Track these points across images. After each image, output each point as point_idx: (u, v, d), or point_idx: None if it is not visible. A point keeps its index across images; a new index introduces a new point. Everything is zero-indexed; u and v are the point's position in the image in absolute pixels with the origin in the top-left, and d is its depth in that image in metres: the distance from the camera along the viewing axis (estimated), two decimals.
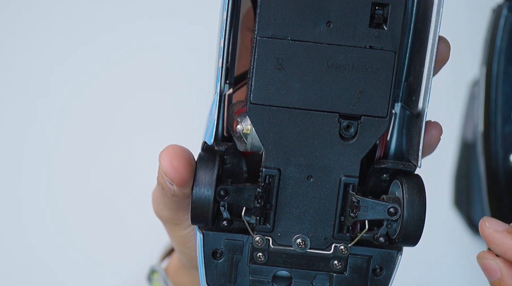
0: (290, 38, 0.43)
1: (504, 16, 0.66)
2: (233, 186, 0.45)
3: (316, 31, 0.43)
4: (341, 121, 0.44)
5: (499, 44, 0.66)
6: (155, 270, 0.63)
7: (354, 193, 0.45)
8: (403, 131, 0.48)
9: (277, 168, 0.45)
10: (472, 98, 0.76)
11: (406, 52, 0.47)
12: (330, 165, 0.45)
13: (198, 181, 0.45)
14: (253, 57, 0.44)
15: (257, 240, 0.46)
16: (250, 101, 0.44)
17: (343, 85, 0.44)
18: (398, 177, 0.46)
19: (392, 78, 0.44)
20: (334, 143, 0.45)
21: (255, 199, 0.45)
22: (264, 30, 0.43)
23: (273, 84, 0.44)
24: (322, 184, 0.45)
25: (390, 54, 0.44)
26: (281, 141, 0.45)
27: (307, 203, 0.46)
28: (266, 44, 0.44)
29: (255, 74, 0.44)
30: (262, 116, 0.44)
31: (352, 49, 0.43)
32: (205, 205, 0.45)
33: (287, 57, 0.44)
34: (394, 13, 0.43)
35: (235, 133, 0.46)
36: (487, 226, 0.48)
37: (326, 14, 0.43)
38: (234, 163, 0.47)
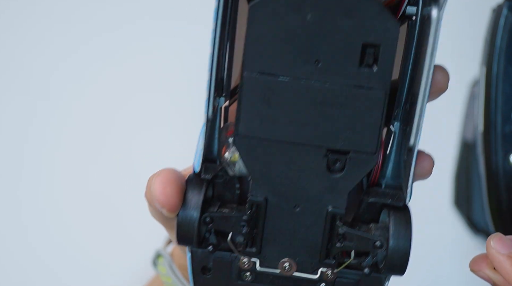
0: (278, 75, 0.43)
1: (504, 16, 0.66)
2: (219, 213, 0.45)
3: (304, 68, 0.43)
4: (329, 155, 0.44)
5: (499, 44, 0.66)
6: (160, 254, 0.63)
7: (341, 224, 0.45)
8: (401, 147, 0.47)
9: (263, 197, 0.45)
10: (472, 98, 0.76)
11: (407, 77, 0.46)
12: (317, 196, 0.45)
13: (184, 206, 0.45)
14: (240, 91, 0.43)
15: (243, 261, 0.46)
16: (237, 133, 0.44)
17: (331, 121, 0.43)
18: (386, 208, 0.46)
19: (382, 116, 0.43)
20: (321, 175, 0.45)
21: (241, 227, 0.45)
22: (251, 66, 0.43)
23: (260, 118, 0.43)
24: (309, 214, 0.45)
25: (380, 94, 0.43)
26: (268, 172, 0.44)
27: (294, 231, 0.46)
28: (253, 80, 0.43)
29: (242, 108, 0.43)
30: (249, 148, 0.44)
31: (341, 87, 0.43)
32: (190, 230, 0.45)
33: (275, 93, 0.43)
34: (385, 53, 0.42)
35: (223, 160, 0.46)
36: (492, 246, 0.48)
37: (315, 52, 0.42)
38: (227, 179, 0.47)
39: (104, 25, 0.81)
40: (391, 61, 0.42)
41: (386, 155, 0.47)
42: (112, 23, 0.81)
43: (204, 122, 0.46)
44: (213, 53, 0.45)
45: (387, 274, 0.46)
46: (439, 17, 0.43)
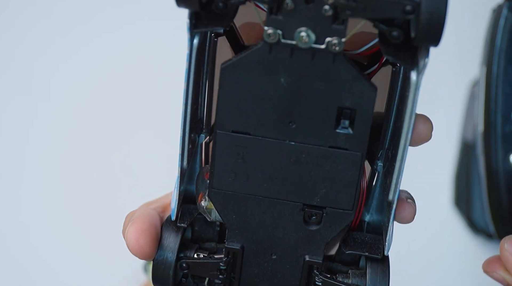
0: (251, 134, 0.42)
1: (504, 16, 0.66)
2: (195, 259, 0.45)
3: (278, 128, 0.42)
4: (305, 210, 0.44)
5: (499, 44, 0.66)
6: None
7: (317, 273, 0.45)
8: (385, 188, 0.46)
9: (240, 245, 0.45)
10: (472, 98, 0.76)
11: (390, 122, 0.45)
12: (294, 246, 0.44)
13: (161, 249, 0.45)
14: (213, 148, 0.43)
15: None
16: (212, 187, 0.43)
17: (306, 179, 0.43)
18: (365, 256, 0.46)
19: (358, 177, 0.42)
20: (298, 228, 0.44)
21: (218, 273, 0.45)
22: (223, 125, 0.42)
23: (234, 174, 0.43)
24: (286, 262, 0.45)
25: (356, 155, 0.42)
26: (243, 223, 0.44)
27: (271, 278, 0.45)
28: (226, 138, 0.42)
29: (216, 164, 0.43)
30: (223, 201, 0.44)
31: (317, 148, 0.42)
32: (165, 274, 0.45)
33: (248, 151, 0.42)
34: (361, 118, 0.41)
35: (199, 207, 0.46)
36: (506, 249, 0.49)
37: (289, 113, 0.41)
38: (202, 230, 0.47)
39: (104, 25, 0.81)
40: (368, 125, 0.42)
41: (371, 191, 0.46)
42: (112, 23, 0.81)
43: (178, 175, 0.45)
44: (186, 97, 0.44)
45: None
46: (418, 81, 0.41)
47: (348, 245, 0.46)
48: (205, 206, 0.45)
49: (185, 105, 0.44)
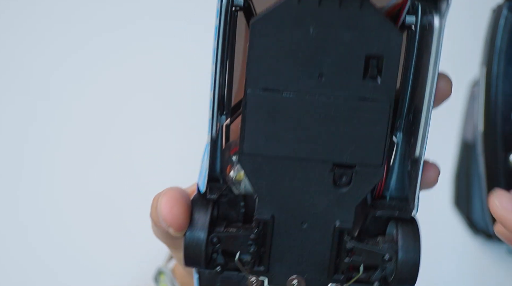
0: (282, 90, 0.43)
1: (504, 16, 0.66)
2: (226, 233, 0.45)
3: (308, 83, 0.42)
4: (335, 170, 0.44)
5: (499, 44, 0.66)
6: (162, 271, 0.63)
7: (349, 239, 0.45)
8: (405, 158, 0.47)
9: (270, 215, 0.45)
10: (472, 98, 0.76)
11: (408, 87, 0.46)
12: (324, 212, 0.45)
13: (191, 226, 0.45)
14: (244, 108, 0.43)
15: (252, 280, 0.46)
16: (242, 152, 0.44)
17: (336, 136, 0.43)
18: (394, 220, 0.46)
19: (387, 129, 0.43)
20: (327, 191, 0.44)
21: (248, 245, 0.45)
22: (254, 83, 0.43)
23: (265, 135, 0.43)
24: (316, 230, 0.45)
25: (384, 106, 0.43)
26: (274, 190, 0.44)
27: (302, 247, 0.45)
28: (257, 97, 0.43)
29: (246, 126, 0.43)
30: (254, 166, 0.44)
31: (346, 101, 0.43)
32: (197, 251, 0.45)
33: (279, 109, 0.43)
34: (389, 65, 0.42)
35: (228, 178, 0.46)
36: (497, 205, 0.46)
37: (318, 66, 0.42)
38: (231, 197, 0.47)
39: (104, 25, 0.81)
40: (395, 72, 0.42)
41: (390, 166, 0.47)
42: (112, 23, 0.81)
43: (208, 142, 0.45)
44: (215, 71, 0.45)
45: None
46: (442, 25, 0.42)
47: (376, 208, 0.46)
48: (234, 177, 0.45)
49: (215, 66, 0.44)
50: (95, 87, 0.81)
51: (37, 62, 0.81)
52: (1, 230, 0.81)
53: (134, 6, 0.81)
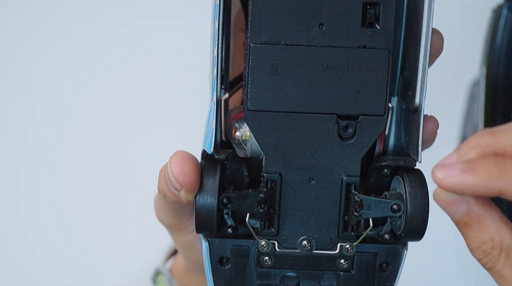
0: (284, 43, 0.43)
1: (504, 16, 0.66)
2: (235, 193, 0.45)
3: (309, 34, 0.43)
4: (339, 122, 0.45)
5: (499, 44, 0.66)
6: (160, 271, 0.63)
7: (356, 192, 0.45)
8: (401, 125, 0.48)
9: (278, 173, 0.45)
10: (472, 98, 0.76)
11: (399, 46, 0.47)
12: (330, 166, 0.45)
13: (201, 190, 0.45)
14: (247, 64, 0.44)
15: (262, 244, 0.46)
16: (247, 108, 0.44)
17: (339, 86, 0.44)
18: (399, 173, 0.46)
19: (388, 76, 0.44)
20: (333, 143, 0.45)
21: (258, 205, 0.45)
22: (257, 37, 0.43)
23: (269, 90, 0.44)
24: (324, 185, 0.45)
25: (384, 53, 0.44)
26: (280, 146, 0.45)
27: (311, 205, 0.46)
28: (259, 51, 0.43)
29: (250, 81, 0.44)
30: (260, 122, 0.44)
31: (346, 50, 0.43)
32: (209, 213, 0.45)
33: (282, 62, 0.44)
34: (386, 11, 0.43)
35: (234, 140, 0.46)
36: (441, 177, 0.44)
37: (318, 16, 0.43)
38: (235, 168, 0.47)
39: (105, 25, 0.81)
40: (392, 19, 0.43)
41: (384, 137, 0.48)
42: (112, 23, 0.81)
43: (214, 103, 0.46)
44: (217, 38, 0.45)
45: (406, 240, 0.46)
46: None
47: (381, 160, 0.47)
48: (240, 137, 0.46)
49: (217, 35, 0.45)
50: (95, 87, 0.81)
51: (37, 62, 0.81)
52: (1, 230, 0.81)
53: (134, 6, 0.81)
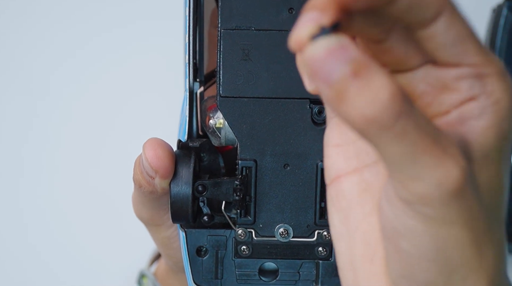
0: (254, 28, 0.44)
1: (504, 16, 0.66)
2: (210, 180, 0.45)
3: (279, 19, 0.43)
4: (312, 107, 0.45)
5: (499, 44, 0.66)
6: (144, 274, 0.63)
7: None
8: None
9: (253, 159, 0.45)
10: None
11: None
12: (305, 151, 0.45)
13: (175, 178, 0.45)
14: (219, 50, 0.44)
15: (239, 233, 0.46)
16: (220, 95, 0.44)
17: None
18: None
19: None
20: (307, 129, 0.45)
21: (233, 192, 0.45)
22: (227, 22, 0.44)
23: (241, 76, 0.44)
24: (299, 171, 0.45)
25: None
26: (254, 132, 0.45)
27: (286, 192, 0.46)
28: (230, 36, 0.44)
29: (222, 67, 0.44)
30: (233, 108, 0.44)
31: None
32: (184, 201, 0.45)
33: (253, 47, 0.44)
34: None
35: (208, 128, 0.46)
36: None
37: (288, 1, 0.43)
38: (211, 160, 0.47)
39: (105, 25, 0.81)
40: None
41: None
42: (113, 23, 0.81)
43: (186, 90, 0.46)
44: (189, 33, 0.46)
45: None
46: None
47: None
48: (214, 125, 0.46)
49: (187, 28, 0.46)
50: (96, 87, 0.81)
51: (37, 62, 0.81)
52: (2, 229, 0.81)
53: (135, 6, 0.81)
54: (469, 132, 0.37)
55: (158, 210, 0.51)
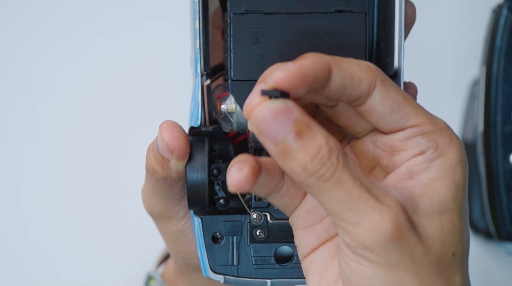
0: (263, 12, 0.44)
1: (504, 16, 0.66)
2: (225, 163, 0.46)
3: (287, 1, 0.44)
4: None
5: (499, 44, 0.66)
6: (151, 276, 0.63)
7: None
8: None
9: None
10: (472, 98, 0.77)
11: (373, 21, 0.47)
12: None
13: (191, 162, 0.46)
14: (229, 35, 0.44)
15: (254, 217, 0.47)
16: (231, 79, 0.45)
17: (319, 52, 0.44)
18: None
19: (366, 38, 0.45)
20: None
21: None
22: (236, 7, 0.44)
23: (251, 59, 0.44)
24: None
25: (360, 16, 0.44)
26: None
27: None
28: (240, 20, 0.44)
29: (233, 51, 0.44)
30: (244, 92, 0.44)
31: (324, 15, 0.44)
32: (200, 185, 0.45)
33: (262, 31, 0.44)
34: None
35: (219, 114, 0.47)
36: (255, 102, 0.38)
37: None
38: (222, 149, 0.48)
39: (105, 25, 0.81)
40: None
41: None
42: (114, 23, 0.81)
43: (198, 76, 0.46)
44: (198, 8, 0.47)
45: None
46: None
47: None
48: (226, 110, 0.46)
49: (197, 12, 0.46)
50: (96, 87, 0.81)
51: (37, 62, 0.81)
52: (2, 229, 0.81)
53: (136, 6, 0.81)
54: (417, 185, 0.40)
55: (170, 200, 0.51)
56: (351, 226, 0.38)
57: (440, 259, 0.40)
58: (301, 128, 0.37)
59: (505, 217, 0.68)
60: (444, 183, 0.40)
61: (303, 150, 0.37)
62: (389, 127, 0.41)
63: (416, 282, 0.39)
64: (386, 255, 0.39)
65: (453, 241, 0.41)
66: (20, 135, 0.81)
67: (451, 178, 0.40)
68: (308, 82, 0.38)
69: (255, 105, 0.38)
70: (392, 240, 0.38)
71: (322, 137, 0.38)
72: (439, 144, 0.41)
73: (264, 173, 0.41)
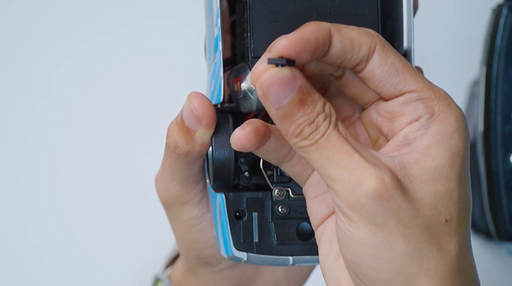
0: None
1: (504, 16, 0.66)
2: None
3: None
4: None
5: (499, 44, 0.66)
6: (159, 278, 0.62)
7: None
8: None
9: None
10: (472, 98, 0.77)
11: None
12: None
13: (216, 135, 0.47)
14: (248, 14, 0.45)
15: (276, 192, 0.47)
16: (251, 56, 0.46)
17: None
18: None
19: (378, 19, 0.46)
20: None
21: None
22: None
23: (271, 38, 0.45)
24: None
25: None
26: None
27: None
28: (259, 1, 0.45)
29: (253, 29, 0.46)
30: None
31: None
32: (227, 158, 0.46)
33: (280, 10, 0.45)
34: None
35: (239, 94, 0.47)
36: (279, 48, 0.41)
37: None
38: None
39: (106, 25, 0.81)
40: None
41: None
42: (115, 23, 0.81)
43: (220, 52, 0.47)
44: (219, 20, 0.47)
45: None
46: None
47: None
48: (246, 87, 0.47)
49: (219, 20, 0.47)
50: (96, 87, 0.81)
51: (37, 62, 0.81)
52: (2, 229, 0.81)
53: (136, 6, 0.81)
54: (412, 152, 0.41)
55: (187, 183, 0.51)
56: (336, 184, 0.40)
57: (430, 224, 0.40)
58: (304, 95, 0.40)
59: (505, 217, 0.68)
60: (439, 150, 0.41)
61: (304, 115, 0.40)
62: (388, 92, 0.42)
63: (402, 244, 0.40)
64: (369, 214, 0.39)
65: (446, 208, 0.41)
66: (20, 135, 0.81)
67: (447, 144, 0.41)
68: (309, 48, 0.41)
69: (261, 72, 0.40)
70: (374, 197, 0.39)
71: (320, 104, 0.40)
72: (435, 110, 0.42)
73: (274, 138, 0.43)
